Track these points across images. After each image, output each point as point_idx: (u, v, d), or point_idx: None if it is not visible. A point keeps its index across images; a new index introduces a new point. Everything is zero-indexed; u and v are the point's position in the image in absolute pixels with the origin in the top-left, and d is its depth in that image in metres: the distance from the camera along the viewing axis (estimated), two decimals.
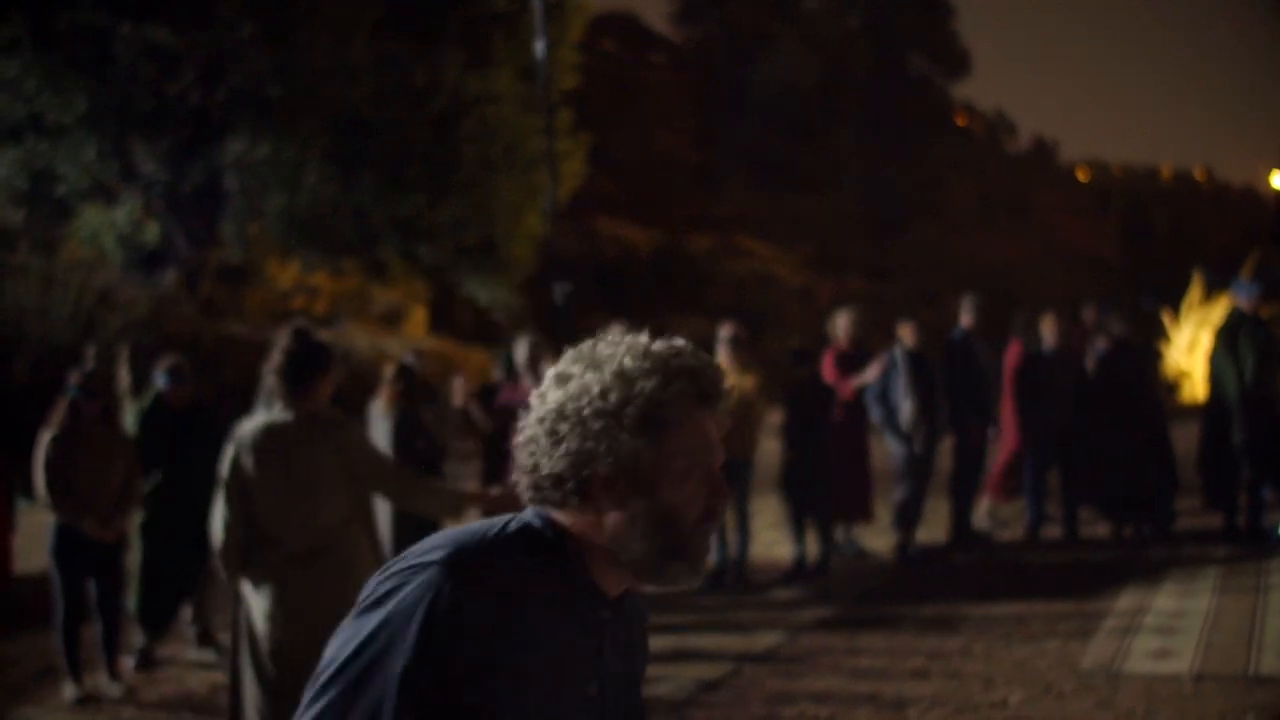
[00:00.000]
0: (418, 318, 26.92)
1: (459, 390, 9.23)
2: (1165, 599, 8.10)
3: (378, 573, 1.74)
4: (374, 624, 1.66)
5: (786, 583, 9.35)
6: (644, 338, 1.83)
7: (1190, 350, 22.03)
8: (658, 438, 1.75)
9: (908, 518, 9.93)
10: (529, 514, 1.81)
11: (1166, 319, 22.96)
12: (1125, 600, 8.15)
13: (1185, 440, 10.91)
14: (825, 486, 9.62)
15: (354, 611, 1.72)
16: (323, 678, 1.70)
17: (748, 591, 9.09)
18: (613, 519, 1.76)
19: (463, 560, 1.67)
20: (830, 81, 50.83)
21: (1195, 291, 23.00)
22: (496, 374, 10.30)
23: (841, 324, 10.18)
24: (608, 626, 1.83)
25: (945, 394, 10.18)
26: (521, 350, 9.15)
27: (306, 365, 4.78)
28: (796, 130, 50.06)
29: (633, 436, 1.73)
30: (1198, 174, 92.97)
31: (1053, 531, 10.69)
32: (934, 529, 10.73)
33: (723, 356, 9.50)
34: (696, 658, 7.20)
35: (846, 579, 9.41)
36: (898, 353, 9.87)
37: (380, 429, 8.30)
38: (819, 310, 39.29)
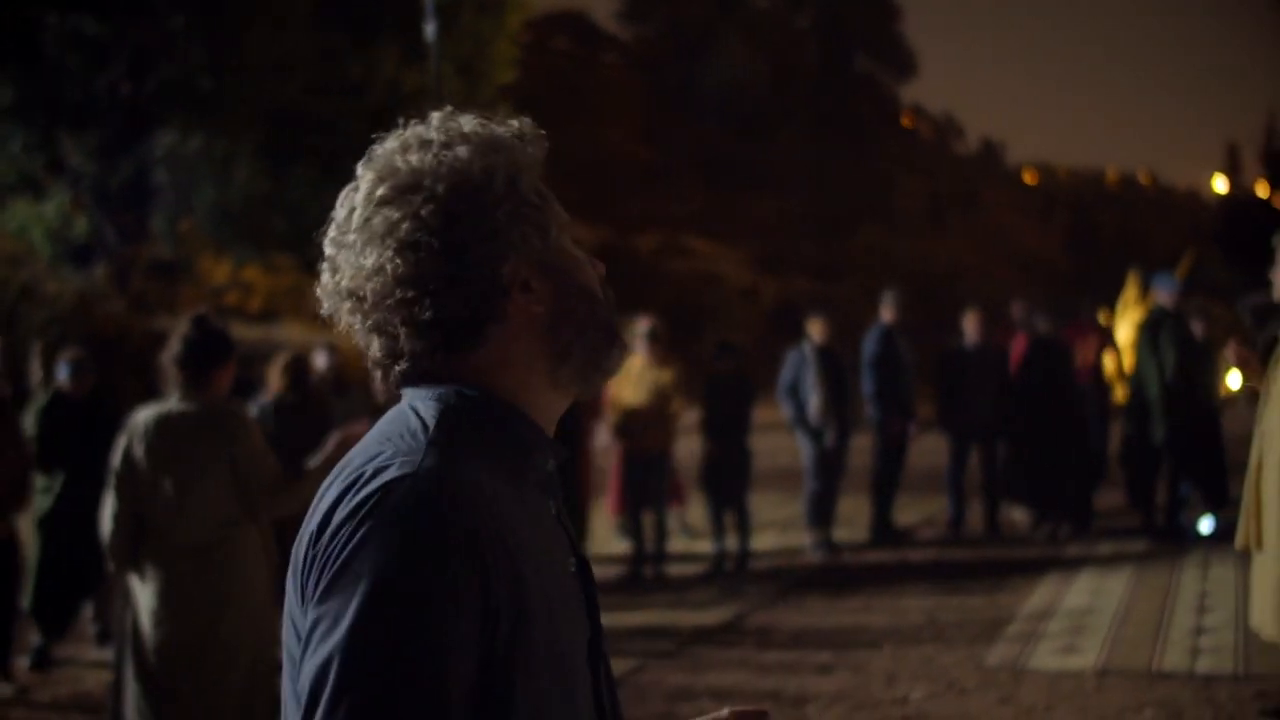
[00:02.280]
0: None
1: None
2: (1078, 595, 8.09)
3: (306, 546, 1.33)
4: (362, 594, 1.23)
5: (705, 580, 9.27)
6: (450, 113, 1.46)
7: (1127, 349, 22.14)
8: (551, 210, 1.47)
9: (819, 514, 9.90)
10: (426, 395, 1.41)
11: (1104, 319, 23.06)
12: (1038, 596, 8.13)
13: (1114, 437, 10.95)
14: (745, 483, 9.56)
15: (306, 604, 1.30)
16: (329, 697, 1.22)
17: (665, 588, 9.00)
18: (538, 330, 1.43)
19: (434, 467, 1.30)
20: (779, 80, 50.96)
21: (1131, 291, 23.13)
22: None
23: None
24: (553, 481, 1.50)
25: (872, 390, 10.16)
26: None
27: (206, 354, 4.63)
28: (744, 129, 50.17)
29: (536, 214, 1.43)
30: (1142, 177, 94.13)
31: (974, 525, 10.69)
32: (857, 527, 10.69)
33: (640, 351, 9.43)
34: None
35: (764, 576, 9.34)
36: (806, 348, 9.82)
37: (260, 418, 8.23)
38: (764, 309, 39.41)
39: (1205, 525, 9.64)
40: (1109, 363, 12.94)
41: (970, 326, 10.49)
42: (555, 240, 1.46)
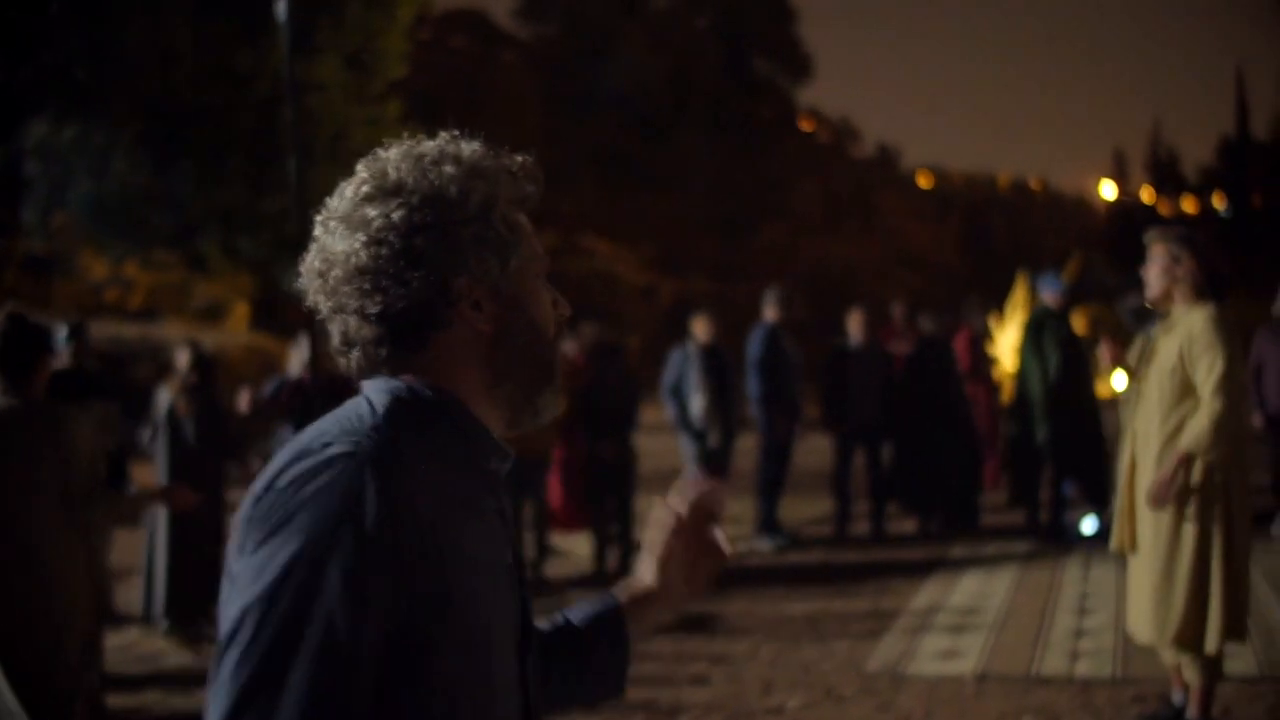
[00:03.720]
0: (240, 313, 26.04)
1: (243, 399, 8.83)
2: (961, 597, 8.01)
3: (249, 507, 1.39)
4: (289, 550, 1.32)
5: (585, 584, 9.05)
6: (458, 137, 1.58)
7: (1015, 351, 22.37)
8: (519, 243, 1.57)
9: None
10: (380, 386, 1.51)
11: (993, 321, 23.27)
12: (922, 598, 8.04)
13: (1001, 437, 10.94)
14: (630, 483, 9.37)
15: (242, 556, 1.36)
16: (240, 639, 1.31)
17: (542, 593, 8.76)
18: (478, 348, 1.54)
19: (373, 449, 1.40)
20: (678, 81, 50.93)
21: (1020, 292, 23.37)
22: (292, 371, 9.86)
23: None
24: (499, 479, 1.60)
25: (757, 391, 10.02)
26: (303, 347, 8.79)
27: (26, 349, 4.42)
28: (643, 129, 50.06)
29: (500, 243, 1.54)
30: (1034, 183, 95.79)
31: (860, 527, 10.61)
32: (742, 528, 10.55)
33: None
34: None
35: None
36: (690, 348, 9.66)
37: (164, 414, 7.97)
38: (661, 310, 39.31)
39: (1088, 525, 9.64)
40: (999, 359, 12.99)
41: (854, 327, 10.40)
42: (516, 271, 1.56)
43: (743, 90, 54.94)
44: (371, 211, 1.48)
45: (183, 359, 9.14)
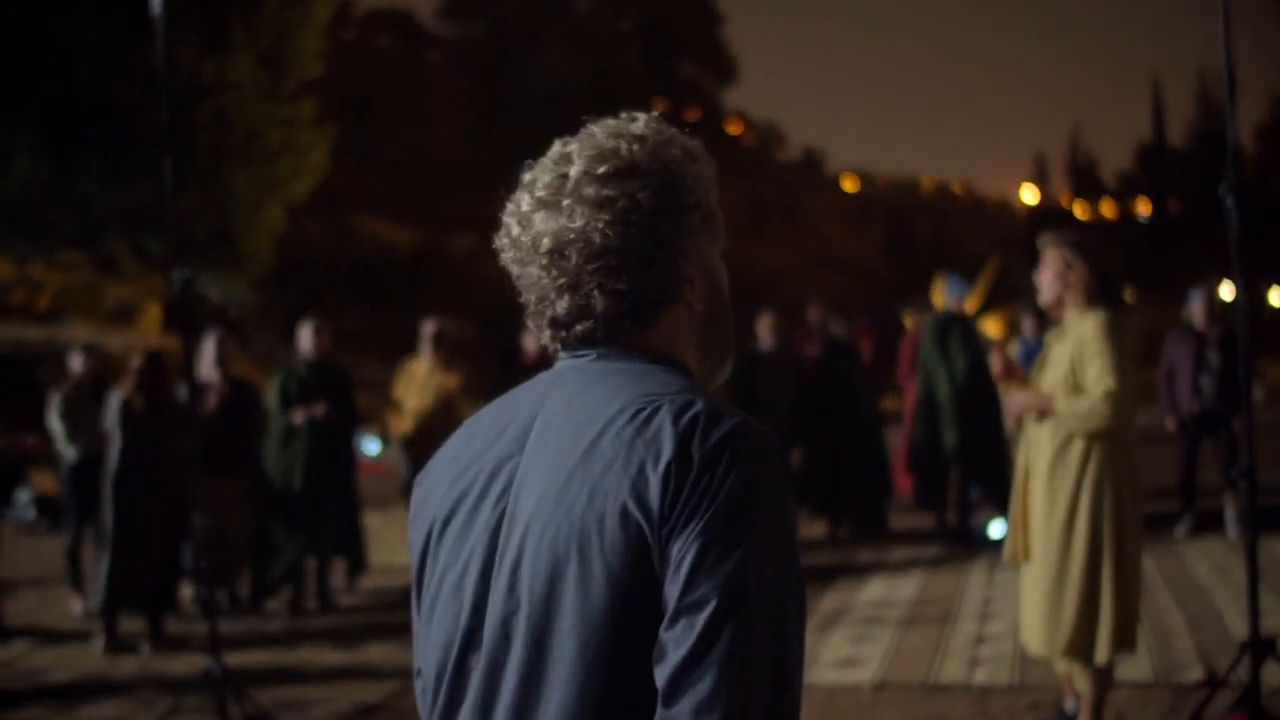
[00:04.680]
0: (152, 315, 25.55)
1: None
2: (865, 603, 7.97)
3: (669, 480, 1.39)
4: (769, 498, 1.40)
5: None
6: (638, 117, 1.62)
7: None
8: (719, 227, 1.66)
9: None
10: (634, 359, 1.56)
11: (910, 323, 23.41)
12: (827, 603, 7.99)
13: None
14: None
15: (686, 531, 1.37)
16: (747, 604, 1.34)
17: None
18: (694, 324, 1.63)
19: (737, 413, 1.47)
20: (601, 82, 50.83)
21: (938, 296, 23.49)
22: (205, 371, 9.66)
23: None
24: None
25: None
26: (209, 347, 8.62)
27: None
28: (565, 129, 49.80)
29: (716, 225, 1.64)
30: (956, 187, 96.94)
31: None
32: None
33: (425, 354, 9.07)
34: (363, 675, 6.73)
35: None
36: None
37: (115, 416, 7.77)
38: None
39: (995, 529, 9.64)
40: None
41: (763, 331, 10.34)
42: (716, 252, 1.65)
43: (667, 92, 54.94)
44: (612, 191, 1.52)
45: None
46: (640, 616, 1.37)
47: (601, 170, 1.52)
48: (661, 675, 1.34)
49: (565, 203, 1.53)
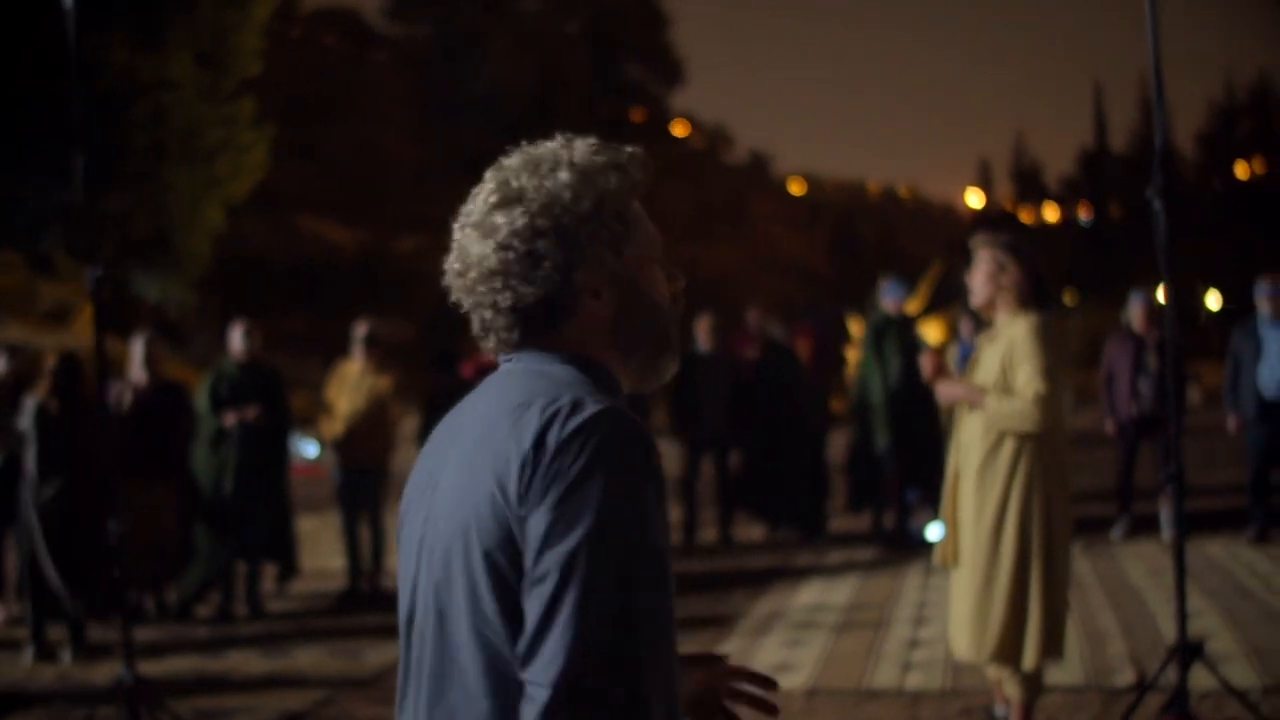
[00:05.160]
0: (86, 315, 25.11)
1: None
2: (800, 607, 7.91)
3: (524, 469, 1.54)
4: (608, 488, 1.51)
5: None
6: (571, 140, 1.76)
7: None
8: (630, 233, 1.74)
9: None
10: (544, 359, 1.71)
11: (853, 326, 23.46)
12: (762, 607, 7.94)
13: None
14: None
15: (536, 511, 1.51)
16: (577, 578, 1.48)
17: (378, 609, 8.49)
18: (603, 330, 1.73)
19: (605, 399, 1.61)
20: (547, 84, 50.65)
21: (878, 299, 23.52)
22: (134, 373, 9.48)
23: None
24: None
25: None
26: (138, 347, 8.47)
27: None
28: (511, 131, 49.50)
29: (613, 234, 1.72)
30: (902, 191, 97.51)
31: (709, 534, 10.51)
32: None
33: (357, 356, 8.94)
34: (290, 684, 6.59)
35: None
36: None
37: (30, 420, 7.61)
38: None
39: (934, 531, 9.62)
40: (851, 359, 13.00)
41: (702, 333, 10.28)
42: (633, 257, 1.74)
43: (612, 94, 54.87)
44: (499, 219, 1.68)
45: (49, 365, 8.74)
46: (515, 593, 1.52)
47: (494, 200, 1.70)
48: (521, 643, 1.50)
49: (469, 230, 1.72)
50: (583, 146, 1.75)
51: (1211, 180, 64.22)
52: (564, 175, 1.70)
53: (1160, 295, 6.86)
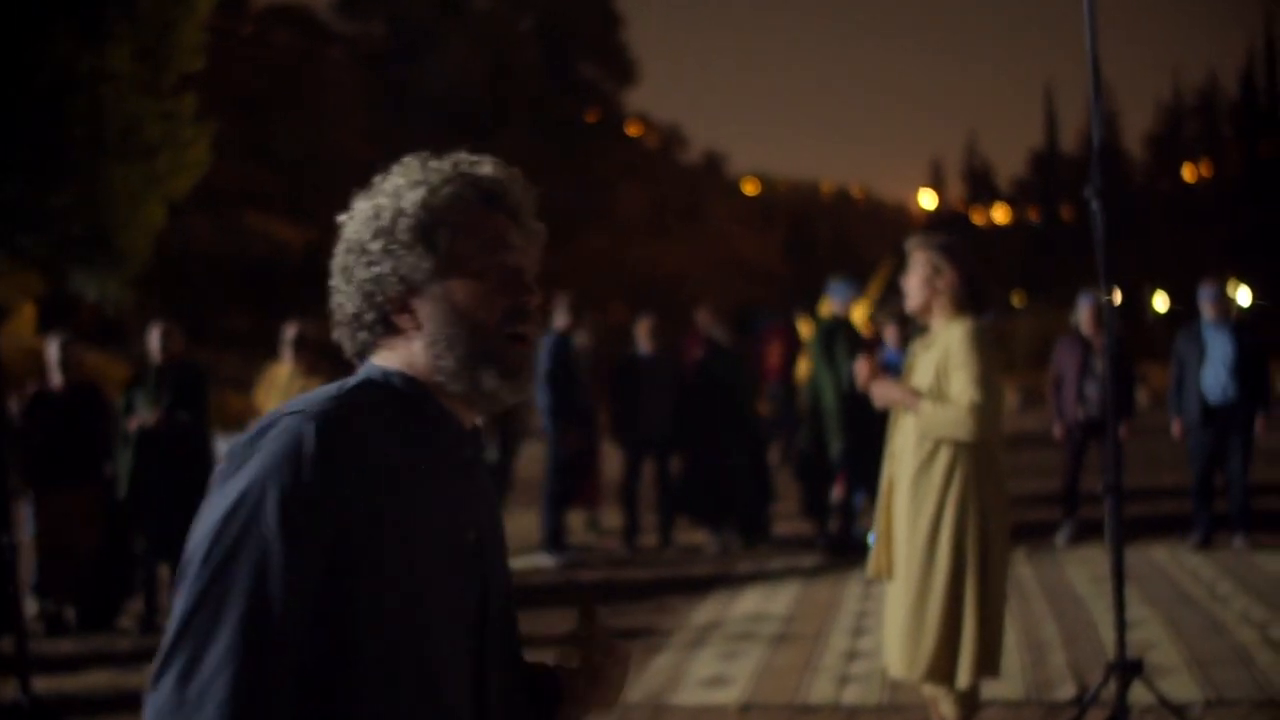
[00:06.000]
0: (26, 314, 24.67)
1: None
2: (739, 615, 7.74)
3: (227, 455, 1.65)
4: (239, 486, 1.57)
5: None
6: (428, 158, 1.80)
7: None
8: (435, 247, 1.72)
9: None
10: (363, 370, 1.78)
11: (804, 327, 23.35)
12: (700, 615, 7.77)
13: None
14: None
15: (212, 492, 1.62)
16: (194, 561, 1.57)
17: None
18: (420, 343, 1.74)
19: (321, 410, 1.62)
20: (499, 82, 50.39)
21: (829, 300, 23.46)
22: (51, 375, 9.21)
23: None
24: (472, 465, 1.81)
25: (546, 403, 9.66)
26: (53, 349, 8.20)
27: None
28: (464, 129, 49.36)
29: (409, 250, 1.71)
30: (856, 191, 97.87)
31: (649, 539, 10.33)
32: (527, 542, 10.16)
33: (286, 357, 8.71)
34: None
35: None
36: None
37: None
38: None
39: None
40: (802, 367, 12.88)
41: (642, 335, 10.10)
42: (446, 272, 1.73)
43: (566, 93, 54.66)
44: (337, 245, 1.78)
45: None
46: None
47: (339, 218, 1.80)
48: None
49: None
50: (414, 166, 1.79)
51: (1160, 182, 64.84)
52: (383, 200, 1.74)
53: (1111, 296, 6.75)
